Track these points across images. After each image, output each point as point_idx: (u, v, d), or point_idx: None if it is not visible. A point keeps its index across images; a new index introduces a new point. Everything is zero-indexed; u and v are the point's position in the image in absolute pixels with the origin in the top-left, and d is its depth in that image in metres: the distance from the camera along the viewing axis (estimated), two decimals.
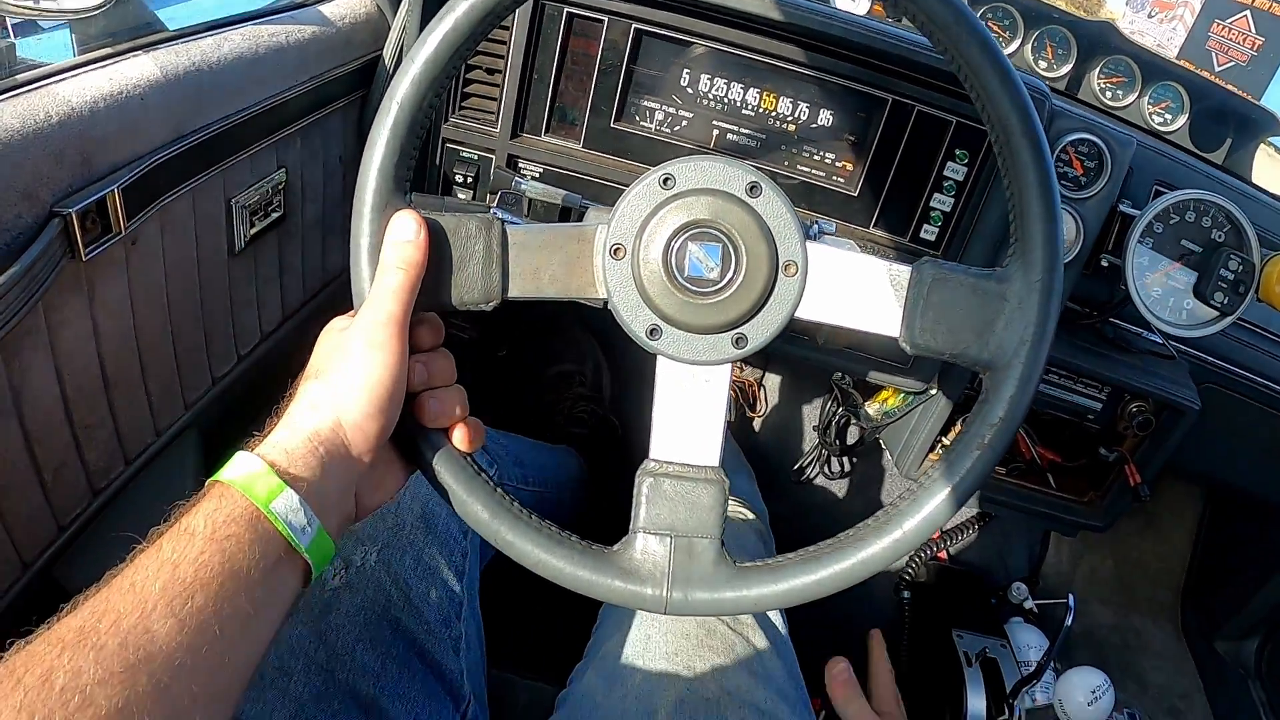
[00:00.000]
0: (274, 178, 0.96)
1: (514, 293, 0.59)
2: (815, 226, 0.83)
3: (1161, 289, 1.06)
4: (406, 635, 0.76)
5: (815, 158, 1.01)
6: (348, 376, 0.54)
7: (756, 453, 1.66)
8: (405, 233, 0.56)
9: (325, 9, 1.04)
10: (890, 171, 0.99)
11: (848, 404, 1.18)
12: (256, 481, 0.48)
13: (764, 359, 1.67)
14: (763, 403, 1.66)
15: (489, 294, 0.58)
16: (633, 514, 0.60)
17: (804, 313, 0.59)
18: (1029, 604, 1.42)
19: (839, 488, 1.68)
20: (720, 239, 0.57)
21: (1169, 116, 1.51)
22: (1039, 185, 0.57)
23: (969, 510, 1.65)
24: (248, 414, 1.00)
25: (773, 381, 1.70)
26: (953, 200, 0.99)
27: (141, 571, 0.43)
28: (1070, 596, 1.22)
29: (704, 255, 0.58)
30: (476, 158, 1.04)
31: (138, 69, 0.79)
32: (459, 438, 0.59)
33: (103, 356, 0.80)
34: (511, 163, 1.03)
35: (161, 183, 0.81)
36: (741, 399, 1.64)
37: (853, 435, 1.56)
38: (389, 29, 1.11)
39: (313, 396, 0.54)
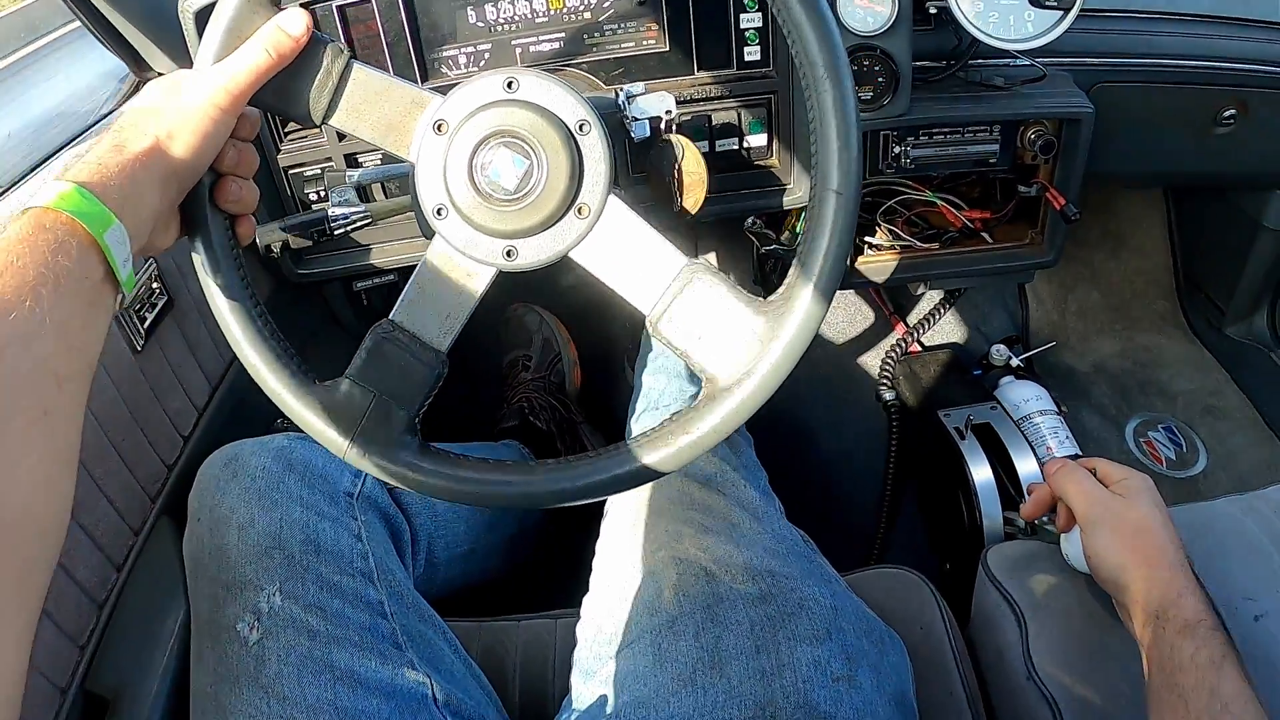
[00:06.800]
0: (145, 272, 0.99)
1: (334, 122, 0.62)
2: (623, 94, 0.83)
3: (997, 11, 1.05)
4: (342, 653, 0.78)
5: (621, 32, 1.02)
6: (183, 117, 0.56)
7: None
8: (293, 26, 0.59)
9: None
10: (689, 15, 1.00)
11: (765, 244, 1.20)
12: (90, 213, 0.50)
13: (694, 235, 1.69)
14: None
15: (312, 114, 0.62)
16: (353, 360, 0.64)
17: (578, 255, 0.63)
18: (1014, 361, 1.42)
19: None
20: (530, 157, 0.60)
21: None
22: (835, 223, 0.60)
23: (933, 296, 1.66)
24: None
25: (709, 257, 1.72)
26: (759, 14, 1.00)
27: None
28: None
29: (509, 165, 0.61)
30: (320, 170, 1.05)
31: None
32: (240, 228, 0.64)
33: None
34: (351, 161, 1.05)
35: None
36: None
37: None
38: None
39: (141, 122, 0.56)
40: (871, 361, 1.68)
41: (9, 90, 1.39)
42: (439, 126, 0.61)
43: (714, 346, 0.62)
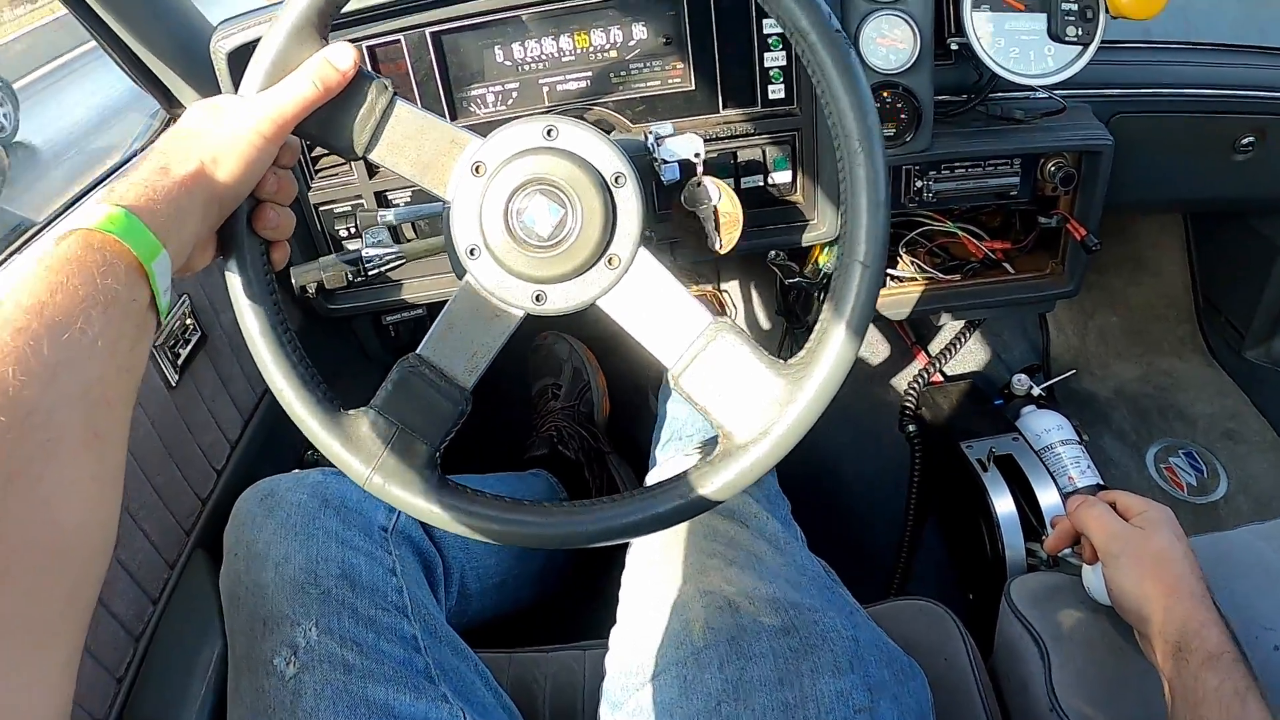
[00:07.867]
0: (179, 307, 1.01)
1: (374, 156, 0.63)
2: (651, 136, 0.85)
3: (1017, 46, 1.06)
4: (377, 687, 0.79)
5: (647, 71, 1.04)
6: (228, 143, 0.57)
7: None
8: (341, 60, 0.60)
9: None
10: (715, 54, 1.01)
11: (789, 276, 1.21)
12: (138, 238, 0.51)
13: (717, 266, 1.70)
14: (731, 308, 1.69)
15: (354, 147, 0.63)
16: (379, 390, 0.65)
17: (605, 304, 0.64)
18: (1035, 390, 1.42)
19: None
20: (566, 206, 0.61)
21: None
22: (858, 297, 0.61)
23: (954, 325, 1.67)
24: None
25: (733, 287, 1.73)
26: (784, 53, 1.01)
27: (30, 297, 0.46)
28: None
29: (545, 213, 0.62)
30: (350, 208, 1.07)
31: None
32: (275, 254, 0.65)
33: None
34: (381, 199, 1.07)
35: None
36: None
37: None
38: None
39: (186, 145, 0.56)
40: (894, 391, 1.68)
41: None
42: (477, 168, 0.62)
43: (733, 405, 0.63)
